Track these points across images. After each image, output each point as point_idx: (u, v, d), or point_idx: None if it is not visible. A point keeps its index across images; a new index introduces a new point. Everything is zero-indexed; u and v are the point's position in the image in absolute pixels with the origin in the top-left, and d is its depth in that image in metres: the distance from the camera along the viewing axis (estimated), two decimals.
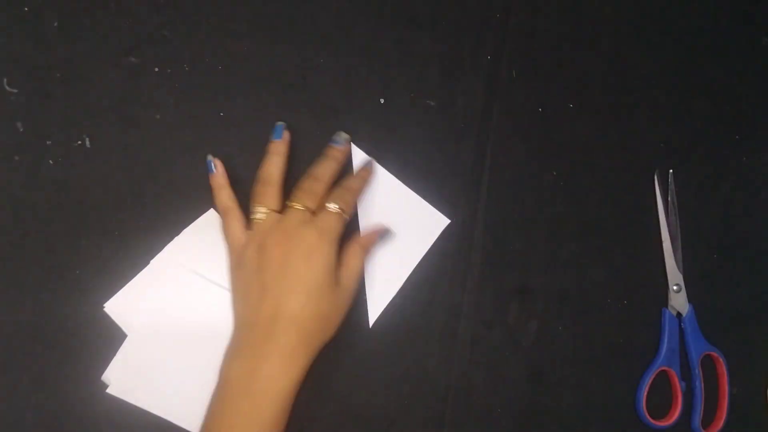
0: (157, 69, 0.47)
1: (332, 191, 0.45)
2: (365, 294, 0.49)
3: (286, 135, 0.47)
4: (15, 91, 0.45)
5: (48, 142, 0.45)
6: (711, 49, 0.59)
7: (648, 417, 0.52)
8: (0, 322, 0.43)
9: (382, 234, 0.48)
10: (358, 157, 0.50)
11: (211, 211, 0.47)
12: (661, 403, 0.53)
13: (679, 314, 0.54)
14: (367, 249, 0.47)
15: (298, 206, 0.43)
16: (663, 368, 0.53)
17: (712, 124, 0.58)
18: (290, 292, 0.41)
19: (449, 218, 0.51)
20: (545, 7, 0.56)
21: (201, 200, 0.47)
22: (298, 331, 0.41)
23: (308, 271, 0.42)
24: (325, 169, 0.46)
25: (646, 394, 0.52)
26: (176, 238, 0.46)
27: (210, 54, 0.48)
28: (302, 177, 0.46)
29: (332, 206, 0.44)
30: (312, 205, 0.44)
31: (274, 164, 0.46)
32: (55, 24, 0.46)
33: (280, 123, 0.47)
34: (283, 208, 0.45)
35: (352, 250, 0.46)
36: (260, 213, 0.44)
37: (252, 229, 0.44)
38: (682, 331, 0.54)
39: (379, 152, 0.50)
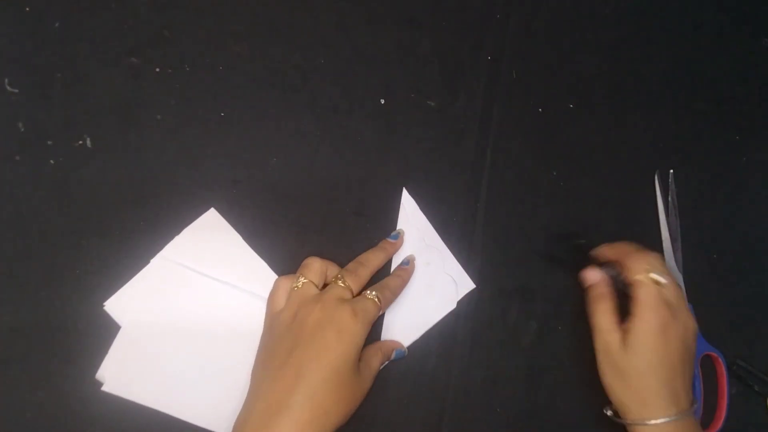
0: (157, 69, 0.47)
1: (373, 286, 0.46)
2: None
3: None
4: (16, 91, 0.45)
5: (49, 142, 0.45)
6: (711, 49, 0.59)
7: None
8: (0, 322, 0.43)
9: (399, 350, 0.48)
10: (408, 205, 0.50)
11: (212, 210, 0.47)
12: None
13: None
14: (387, 356, 0.47)
15: (341, 284, 0.44)
16: None
17: (712, 124, 0.58)
18: (314, 362, 0.40)
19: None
20: (545, 7, 0.56)
21: (201, 200, 0.47)
22: (313, 408, 0.39)
23: (338, 346, 0.41)
24: (373, 257, 0.47)
25: None
26: (176, 238, 0.46)
27: (210, 54, 0.48)
28: (352, 261, 0.47)
29: (371, 294, 0.44)
30: (355, 286, 0.44)
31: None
32: (57, 24, 0.46)
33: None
34: (324, 287, 0.45)
35: (374, 351, 0.45)
36: (301, 282, 0.44)
37: (290, 297, 0.44)
38: None
39: (379, 152, 0.51)
